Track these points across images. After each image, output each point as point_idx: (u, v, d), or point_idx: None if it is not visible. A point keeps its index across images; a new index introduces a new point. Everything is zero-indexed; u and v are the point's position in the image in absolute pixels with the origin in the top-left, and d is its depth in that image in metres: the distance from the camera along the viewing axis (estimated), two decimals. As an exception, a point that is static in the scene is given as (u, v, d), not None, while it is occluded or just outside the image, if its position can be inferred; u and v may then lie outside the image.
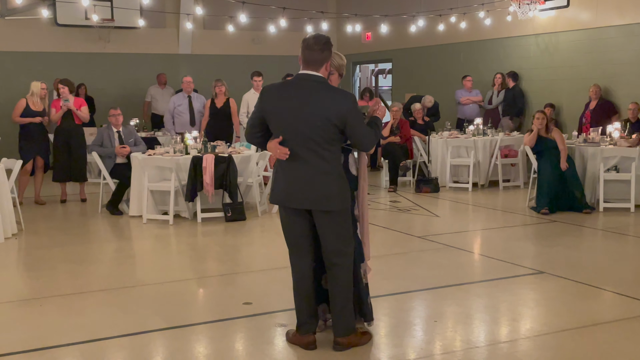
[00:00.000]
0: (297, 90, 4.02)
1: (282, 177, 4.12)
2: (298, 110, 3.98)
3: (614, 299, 5.29)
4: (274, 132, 4.09)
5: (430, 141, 11.25)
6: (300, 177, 4.04)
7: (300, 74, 4.06)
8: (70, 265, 6.49)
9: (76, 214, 9.22)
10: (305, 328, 4.27)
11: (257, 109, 4.13)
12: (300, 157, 4.00)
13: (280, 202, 4.16)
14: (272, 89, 4.13)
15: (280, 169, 4.15)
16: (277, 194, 4.16)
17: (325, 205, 4.05)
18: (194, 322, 4.80)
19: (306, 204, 4.06)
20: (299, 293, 4.27)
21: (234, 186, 8.24)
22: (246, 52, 16.03)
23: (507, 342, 4.38)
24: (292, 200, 4.09)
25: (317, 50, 3.98)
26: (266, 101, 4.09)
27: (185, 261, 6.82)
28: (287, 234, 4.23)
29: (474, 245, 7.38)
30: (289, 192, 4.08)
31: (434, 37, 14.09)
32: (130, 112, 12.63)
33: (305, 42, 4.04)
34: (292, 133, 4.00)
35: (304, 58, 4.03)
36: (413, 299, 5.34)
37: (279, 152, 4.01)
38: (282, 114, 4.02)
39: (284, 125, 4.03)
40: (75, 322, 4.82)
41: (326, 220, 4.09)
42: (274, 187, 4.21)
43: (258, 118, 4.13)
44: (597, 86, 10.94)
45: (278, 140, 4.02)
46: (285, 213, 4.18)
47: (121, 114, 9.27)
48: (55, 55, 14.35)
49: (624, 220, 8.23)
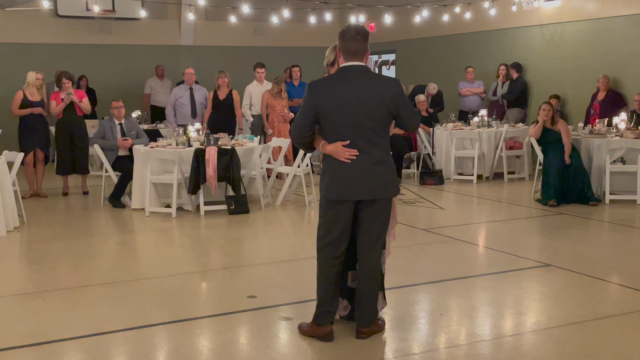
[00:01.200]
0: (347, 81, 4.02)
1: (338, 171, 4.05)
2: (354, 101, 3.98)
3: (620, 292, 5.26)
4: (328, 127, 4.04)
5: (435, 133, 11.19)
6: (359, 168, 4.02)
7: (347, 66, 4.05)
8: (72, 259, 6.47)
9: (78, 206, 9.20)
10: (325, 318, 4.24)
11: (309, 105, 4.04)
12: (358, 149, 4.01)
13: (342, 196, 4.07)
14: (323, 84, 4.10)
15: (334, 163, 4.07)
16: (337, 189, 4.07)
17: (386, 193, 4.11)
18: (198, 316, 4.77)
19: (369, 194, 4.06)
20: (328, 282, 4.21)
21: (237, 179, 8.21)
22: (249, 44, 15.97)
23: (514, 336, 4.35)
24: (354, 193, 4.05)
25: (361, 41, 4.02)
26: (319, 96, 4.03)
27: (189, 254, 6.79)
28: (333, 228, 4.14)
29: (479, 237, 7.34)
30: (350, 184, 4.04)
31: (438, 27, 14.01)
32: (132, 104, 12.59)
33: (346, 34, 4.03)
34: (350, 125, 3.99)
35: (348, 49, 4.02)
36: (418, 292, 5.32)
37: (347, 154, 4.00)
38: (337, 107, 3.99)
39: (341, 118, 4.00)
40: (78, 315, 4.80)
41: (376, 209, 4.12)
42: (330, 182, 4.10)
43: (311, 115, 4.04)
44: (606, 77, 10.85)
45: (343, 143, 3.99)
46: (337, 207, 4.10)
47: (123, 106, 9.23)
48: (56, 47, 14.30)
49: (631, 213, 8.19)
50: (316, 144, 4.17)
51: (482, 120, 11.00)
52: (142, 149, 8.53)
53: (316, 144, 4.18)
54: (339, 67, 4.11)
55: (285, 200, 9.06)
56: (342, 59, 4.08)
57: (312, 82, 4.14)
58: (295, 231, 7.98)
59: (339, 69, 4.10)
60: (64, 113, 9.67)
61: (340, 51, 4.08)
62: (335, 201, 4.10)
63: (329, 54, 4.48)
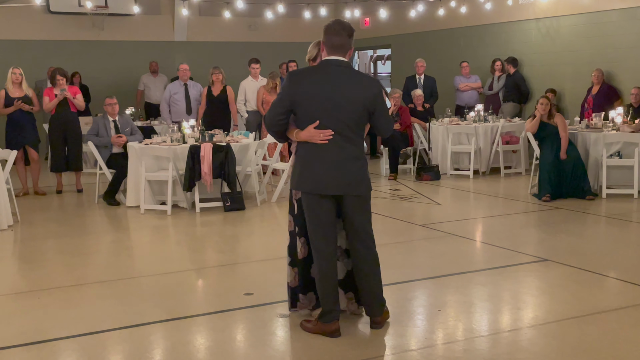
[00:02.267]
0: (327, 75, 4.02)
1: (309, 164, 4.07)
2: (331, 94, 3.98)
3: (618, 286, 5.25)
4: (304, 117, 4.03)
5: (431, 128, 11.16)
6: (332, 163, 4.03)
7: (329, 60, 4.05)
8: (67, 257, 6.43)
9: (72, 204, 9.15)
10: (331, 315, 4.23)
11: (287, 94, 4.04)
12: (332, 142, 4.00)
13: (311, 189, 4.08)
14: (304, 73, 4.11)
15: (306, 155, 4.08)
16: (307, 181, 4.09)
17: (358, 189, 4.10)
18: (194, 314, 4.75)
19: (339, 189, 4.07)
20: (327, 280, 4.21)
21: (232, 175, 8.17)
22: (243, 39, 15.91)
23: (511, 331, 4.35)
24: (325, 187, 4.06)
25: (345, 36, 4.02)
26: (298, 86, 4.03)
27: (184, 252, 6.76)
28: (315, 221, 4.14)
29: (476, 233, 7.32)
30: (321, 178, 4.05)
31: (434, 22, 13.97)
32: (125, 101, 12.49)
33: (331, 28, 4.03)
34: (325, 118, 3.99)
35: (331, 44, 4.03)
36: (415, 288, 5.30)
37: (321, 135, 3.98)
38: (315, 98, 4.00)
39: (316, 110, 4.00)
40: (73, 314, 4.78)
41: (357, 205, 4.14)
42: (300, 174, 4.11)
43: (288, 103, 4.03)
44: (600, 71, 10.84)
45: (314, 125, 3.98)
46: (313, 200, 4.11)
47: (117, 103, 9.18)
48: (49, 44, 14.22)
49: (627, 207, 8.17)
50: (290, 133, 4.16)
51: (479, 115, 10.97)
52: (136, 145, 8.48)
53: (290, 134, 4.17)
54: (321, 60, 4.11)
55: (281, 196, 9.03)
56: (325, 53, 4.08)
57: (292, 71, 4.14)
58: (292, 227, 7.95)
59: (321, 61, 4.10)
60: (57, 110, 9.60)
61: (323, 45, 4.07)
62: (313, 194, 4.09)
63: (312, 49, 4.47)
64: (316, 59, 4.39)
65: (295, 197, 4.38)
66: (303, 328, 4.37)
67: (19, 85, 9.37)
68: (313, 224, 4.16)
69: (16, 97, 9.29)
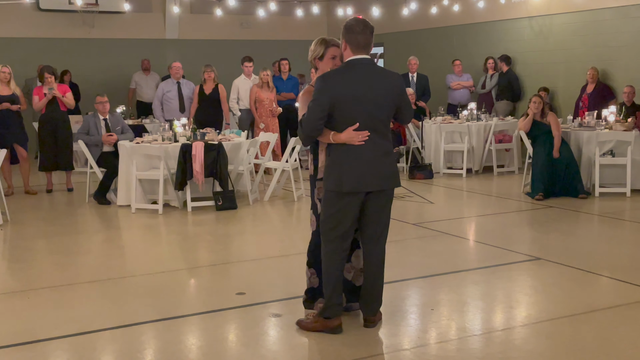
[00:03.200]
0: (360, 74, 4.08)
1: (348, 163, 4.08)
2: (366, 93, 4.05)
3: (611, 285, 5.26)
4: (341, 119, 4.06)
5: (424, 127, 11.15)
6: (370, 160, 4.09)
7: (357, 59, 4.10)
8: (58, 257, 6.39)
9: (63, 204, 9.09)
10: (335, 310, 4.25)
11: (325, 97, 4.02)
12: (368, 140, 4.07)
13: (356, 188, 4.09)
14: (335, 75, 4.12)
15: (343, 155, 4.09)
16: (351, 181, 4.08)
17: (394, 183, 4.21)
18: (186, 314, 4.73)
19: (380, 185, 4.14)
20: (337, 276, 4.23)
21: (224, 174, 8.13)
22: (235, 37, 15.86)
23: (505, 330, 4.34)
24: (367, 184, 4.11)
25: (369, 34, 4.11)
26: (334, 88, 4.05)
27: (176, 251, 6.73)
28: (342, 220, 4.16)
29: (469, 231, 7.32)
30: (363, 176, 4.09)
31: (427, 20, 13.96)
32: (116, 99, 12.41)
33: (355, 27, 4.08)
34: (362, 117, 4.05)
35: (357, 43, 4.08)
36: (409, 287, 5.29)
37: (360, 137, 4.04)
38: (351, 99, 4.04)
39: (354, 110, 4.05)
40: (64, 314, 4.75)
41: (384, 201, 4.22)
42: (341, 174, 4.09)
43: (327, 106, 4.03)
44: (595, 69, 10.84)
45: (354, 127, 4.03)
46: (347, 199, 4.12)
47: (108, 101, 9.12)
48: (38, 41, 14.12)
49: (620, 205, 8.18)
50: (323, 137, 4.15)
51: (471, 114, 10.97)
52: (127, 144, 8.43)
53: (322, 137, 4.15)
54: (348, 60, 4.12)
55: (273, 195, 9.00)
56: (349, 52, 4.11)
57: (324, 74, 4.16)
58: (284, 227, 7.93)
59: (349, 61, 4.12)
60: (47, 108, 9.52)
61: (347, 44, 4.10)
62: (346, 193, 4.10)
63: (317, 48, 4.41)
64: (323, 57, 4.35)
65: (318, 196, 4.36)
66: (303, 327, 4.35)
67: (6, 83, 9.29)
68: (339, 220, 4.16)
69: (3, 95, 9.20)
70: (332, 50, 4.32)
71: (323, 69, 4.33)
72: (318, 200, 4.36)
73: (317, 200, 4.37)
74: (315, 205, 4.42)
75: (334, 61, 4.30)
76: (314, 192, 4.41)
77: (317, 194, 4.38)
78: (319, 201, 4.36)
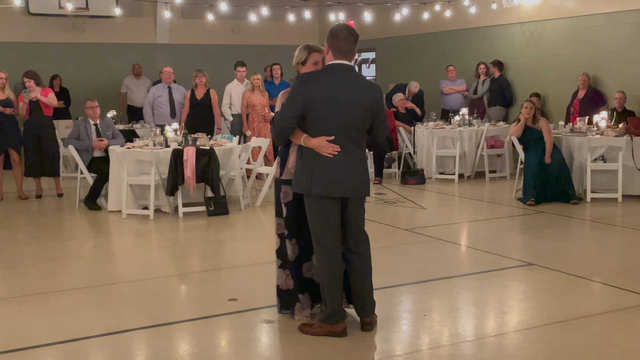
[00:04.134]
0: (337, 78, 4.10)
1: (319, 167, 4.09)
2: (342, 98, 4.06)
3: (603, 290, 5.27)
4: (315, 120, 4.06)
5: (416, 132, 11.16)
6: (342, 165, 4.09)
7: (337, 64, 4.12)
8: (48, 263, 6.33)
9: (53, 209, 9.03)
10: (339, 316, 4.27)
11: (301, 95, 4.04)
12: (341, 145, 4.08)
13: (323, 192, 4.10)
14: (313, 76, 4.13)
15: (315, 159, 4.10)
16: (319, 184, 4.10)
17: (364, 191, 4.25)
18: (178, 320, 4.70)
19: (350, 192, 4.17)
20: (336, 281, 4.25)
21: (216, 179, 8.10)
22: (226, 42, 15.83)
23: (497, 336, 4.34)
24: (336, 189, 4.12)
25: (353, 41, 4.14)
26: (310, 87, 4.05)
27: (167, 257, 6.69)
28: (324, 224, 4.18)
29: (461, 237, 7.31)
30: (333, 181, 4.10)
31: (419, 25, 13.99)
32: (107, 104, 12.35)
33: (340, 32, 4.11)
34: (335, 121, 4.06)
35: (339, 48, 4.10)
36: (401, 292, 5.28)
37: (330, 149, 4.04)
38: (325, 101, 4.05)
39: (328, 113, 4.05)
40: (54, 321, 4.71)
41: (358, 206, 4.28)
42: (311, 178, 4.11)
43: (301, 106, 4.03)
44: (586, 75, 10.89)
45: (328, 138, 4.04)
46: (323, 203, 4.14)
47: (98, 106, 9.07)
48: (28, 46, 14.04)
49: (612, 211, 8.21)
50: (295, 137, 4.15)
51: (463, 119, 10.98)
52: (118, 149, 8.39)
53: (295, 138, 4.15)
54: (329, 64, 4.14)
55: (265, 201, 8.97)
56: (331, 56, 4.13)
57: (302, 74, 4.18)
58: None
59: (329, 65, 4.14)
60: (30, 114, 9.39)
61: (330, 48, 4.12)
62: (322, 197, 4.12)
63: (300, 53, 4.45)
64: (305, 63, 4.39)
65: (284, 201, 4.39)
66: (305, 332, 4.34)
67: (1, 89, 9.25)
68: (322, 226, 4.19)
69: None
70: (315, 56, 4.38)
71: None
72: (284, 205, 4.39)
73: (284, 205, 4.40)
74: (280, 210, 4.44)
75: (316, 66, 4.35)
76: (280, 197, 4.42)
77: (282, 198, 4.40)
78: (284, 206, 4.39)
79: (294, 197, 4.36)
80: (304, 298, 4.52)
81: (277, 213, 4.48)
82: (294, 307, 4.54)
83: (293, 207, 4.39)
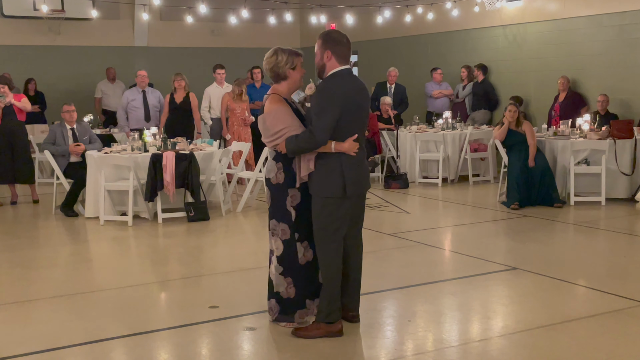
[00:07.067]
0: (354, 83, 4.35)
1: (352, 168, 4.28)
2: (360, 101, 4.32)
3: (587, 294, 5.28)
4: (344, 125, 4.22)
5: (399, 136, 11.11)
6: (362, 163, 4.39)
7: (347, 69, 4.33)
8: (23, 271, 6.22)
9: (28, 216, 8.89)
10: (338, 315, 4.37)
11: (338, 106, 4.16)
12: (360, 145, 4.34)
13: (357, 190, 4.34)
14: (341, 85, 4.25)
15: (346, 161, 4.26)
16: (351, 184, 4.29)
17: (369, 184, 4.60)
18: (157, 328, 4.64)
19: (368, 185, 4.52)
20: (339, 280, 4.36)
21: (196, 185, 8.01)
22: (205, 44, 15.75)
23: (482, 341, 4.33)
24: (364, 186, 4.44)
25: (350, 47, 4.40)
26: (342, 97, 4.21)
27: (146, 264, 6.60)
28: (342, 221, 4.32)
29: (445, 242, 7.28)
30: (360, 178, 4.36)
31: (401, 28, 13.99)
32: (83, 108, 12.16)
33: (341, 39, 4.34)
34: (358, 124, 4.31)
35: (343, 54, 4.32)
36: (385, 298, 5.25)
37: (356, 147, 4.26)
38: (354, 106, 4.27)
39: (353, 117, 4.27)
40: (30, 330, 4.64)
41: (363, 201, 4.54)
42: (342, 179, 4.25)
43: (339, 115, 4.18)
44: (566, 78, 10.93)
45: (353, 137, 4.25)
46: (346, 202, 4.31)
47: (75, 110, 8.93)
48: (2, 49, 13.86)
49: (595, 214, 8.22)
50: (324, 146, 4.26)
51: (447, 123, 10.96)
52: (95, 154, 8.27)
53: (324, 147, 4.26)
54: (341, 70, 4.29)
55: (246, 206, 8.89)
56: (335, 62, 4.30)
57: (329, 84, 4.29)
58: (258, 238, 7.79)
59: (344, 71, 4.29)
60: (3, 119, 9.19)
61: (333, 55, 4.29)
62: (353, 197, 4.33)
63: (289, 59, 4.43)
64: (296, 67, 4.45)
65: (292, 204, 4.40)
66: (302, 336, 4.33)
67: None
68: (341, 223, 4.32)
69: None
70: (301, 60, 4.49)
71: (294, 78, 4.44)
72: (292, 208, 4.38)
73: (291, 207, 4.38)
74: (286, 215, 4.39)
75: (301, 71, 4.47)
76: (287, 201, 4.38)
77: (290, 202, 4.38)
78: (293, 209, 4.37)
79: (302, 199, 4.38)
80: (312, 304, 4.51)
81: (280, 219, 4.43)
82: (294, 315, 4.51)
83: (302, 209, 4.40)
